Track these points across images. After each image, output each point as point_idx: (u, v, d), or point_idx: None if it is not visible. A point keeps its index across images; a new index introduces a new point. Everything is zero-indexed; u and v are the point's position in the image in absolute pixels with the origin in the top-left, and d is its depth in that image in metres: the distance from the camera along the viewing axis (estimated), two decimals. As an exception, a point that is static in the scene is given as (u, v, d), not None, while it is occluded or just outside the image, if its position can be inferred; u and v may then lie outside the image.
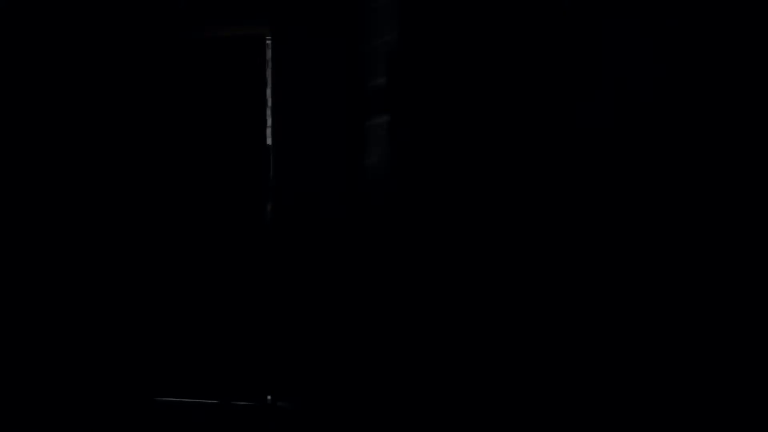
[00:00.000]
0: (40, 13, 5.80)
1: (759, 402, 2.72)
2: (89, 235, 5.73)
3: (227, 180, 5.51)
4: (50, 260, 5.68)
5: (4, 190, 5.77)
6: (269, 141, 8.24)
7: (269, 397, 4.98)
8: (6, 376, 5.59)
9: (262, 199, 5.37)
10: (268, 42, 6.33)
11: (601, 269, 3.27)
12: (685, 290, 2.94)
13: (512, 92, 3.64)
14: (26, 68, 5.77)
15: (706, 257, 2.88)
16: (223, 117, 5.57)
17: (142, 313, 5.68)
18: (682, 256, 2.96)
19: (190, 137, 5.65)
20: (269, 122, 8.16)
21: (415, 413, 3.74)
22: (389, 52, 3.97)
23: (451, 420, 3.67)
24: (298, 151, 5.01)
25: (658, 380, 3.03)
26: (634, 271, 3.13)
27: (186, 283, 5.53)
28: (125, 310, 5.75)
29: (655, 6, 3.04)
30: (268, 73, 8.03)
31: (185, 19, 5.94)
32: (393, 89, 3.93)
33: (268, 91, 7.93)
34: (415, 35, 3.81)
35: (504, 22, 3.65)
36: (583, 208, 3.36)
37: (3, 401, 5.52)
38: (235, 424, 5.12)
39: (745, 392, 2.76)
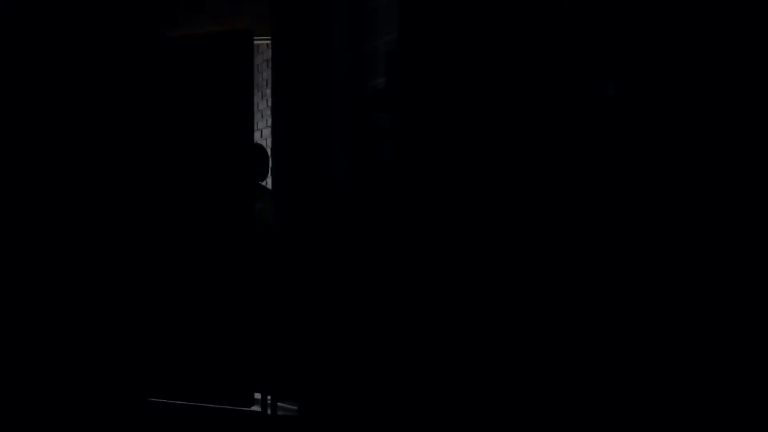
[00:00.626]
0: (22, 12, 5.80)
1: (759, 402, 2.73)
2: (83, 237, 5.73)
3: (218, 180, 5.47)
4: (44, 262, 5.69)
5: None
6: (257, 139, 8.24)
7: (269, 398, 4.99)
8: (1, 376, 5.59)
9: (251, 199, 5.35)
10: (266, 42, 6.32)
11: (600, 274, 3.27)
12: (683, 296, 2.95)
13: (513, 92, 3.64)
14: (8, 68, 5.77)
15: (710, 266, 2.89)
16: (210, 114, 5.53)
17: (137, 314, 5.69)
18: (684, 263, 2.96)
19: (178, 137, 5.63)
20: (257, 120, 8.17)
21: (416, 414, 3.74)
22: (389, 52, 3.98)
23: (452, 421, 3.67)
24: (297, 151, 5.02)
25: (658, 380, 3.03)
26: (633, 274, 3.14)
27: (182, 285, 5.53)
28: (121, 310, 5.75)
29: (659, 4, 3.05)
30: (268, 73, 8.02)
31: (177, 15, 5.93)
32: (393, 89, 3.94)
33: (268, 91, 7.93)
34: (415, 35, 3.82)
35: (504, 21, 3.66)
36: (583, 211, 3.36)
37: None
38: (234, 425, 5.12)
39: (745, 392, 2.76)
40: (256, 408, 5.30)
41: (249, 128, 5.38)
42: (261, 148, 6.13)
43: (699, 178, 2.91)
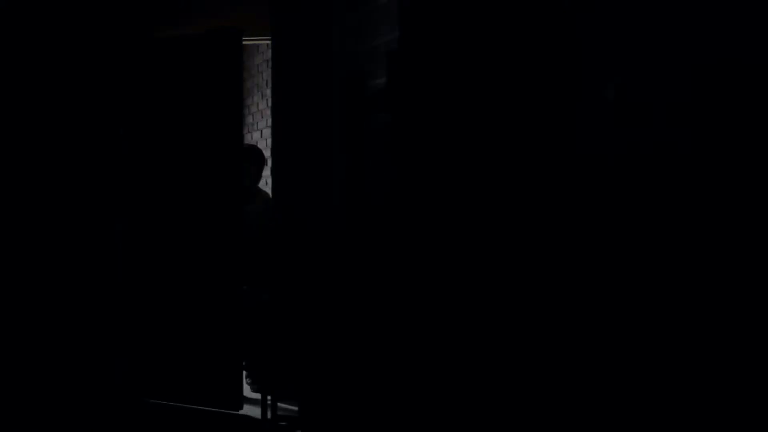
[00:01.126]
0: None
1: (759, 402, 2.72)
2: (79, 239, 5.73)
3: (207, 181, 5.43)
4: (43, 264, 5.68)
5: None
6: (257, 139, 8.22)
7: (269, 398, 4.98)
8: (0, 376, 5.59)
9: (239, 200, 5.31)
10: (266, 42, 6.31)
11: (598, 276, 3.26)
12: (684, 297, 2.94)
13: (513, 92, 3.63)
14: None
15: (711, 266, 2.88)
16: (199, 115, 5.49)
17: (130, 315, 5.68)
18: (683, 263, 2.95)
19: (168, 138, 5.60)
20: (257, 120, 8.16)
21: (417, 416, 3.73)
22: (389, 52, 3.97)
23: (453, 423, 3.66)
24: (297, 151, 5.01)
25: (658, 381, 3.02)
26: (632, 274, 3.13)
27: (171, 286, 5.51)
28: (115, 311, 5.75)
29: (659, 5, 3.04)
30: (268, 73, 8.01)
31: (177, 14, 5.92)
32: (393, 89, 3.93)
33: (268, 91, 7.91)
34: (415, 35, 3.81)
35: (504, 21, 3.65)
36: (583, 213, 3.35)
37: None
38: (233, 428, 5.11)
39: (745, 392, 2.75)
40: (250, 409, 5.29)
41: (238, 128, 5.35)
42: (255, 149, 6.11)
43: (699, 178, 2.90)
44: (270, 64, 7.47)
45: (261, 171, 6.11)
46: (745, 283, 2.76)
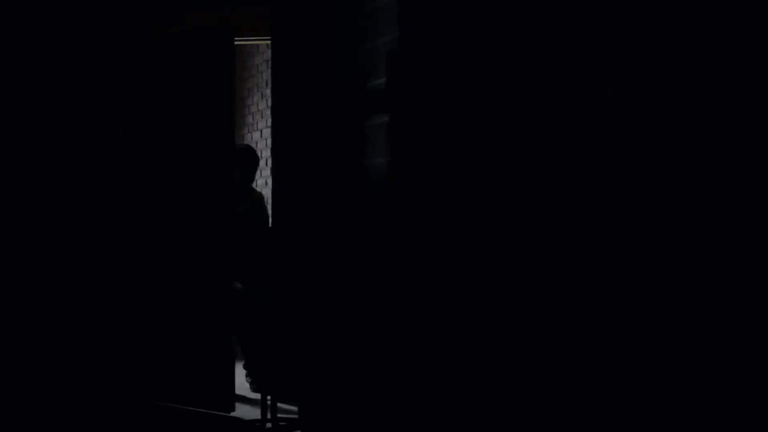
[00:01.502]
0: None
1: (759, 402, 2.71)
2: (80, 240, 5.72)
3: (201, 182, 5.40)
4: (43, 264, 5.67)
5: None
6: (257, 140, 8.21)
7: (269, 399, 4.97)
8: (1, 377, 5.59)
9: (230, 200, 5.28)
10: (266, 42, 6.31)
11: (602, 278, 3.26)
12: (684, 297, 2.93)
13: (513, 92, 3.63)
14: None
15: (711, 266, 2.87)
16: (192, 114, 5.47)
17: (134, 315, 5.68)
18: (684, 262, 2.95)
19: (161, 138, 5.59)
20: (257, 120, 8.15)
21: (418, 417, 3.73)
22: (389, 52, 3.97)
23: (454, 424, 3.66)
24: (297, 151, 5.01)
25: (659, 381, 3.02)
26: (632, 278, 3.12)
27: (165, 288, 5.49)
28: (119, 311, 5.75)
29: (659, 4, 3.03)
30: (268, 73, 8.00)
31: (177, 13, 5.91)
32: (393, 89, 3.92)
33: (268, 91, 7.90)
34: (415, 35, 3.80)
35: (505, 21, 3.64)
36: (584, 213, 3.35)
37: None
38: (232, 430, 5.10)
39: (745, 392, 2.75)
40: (250, 409, 5.29)
41: (230, 127, 5.32)
42: (248, 149, 6.09)
43: (699, 178, 2.89)
44: (270, 64, 7.47)
45: (254, 171, 6.10)
46: (743, 279, 2.76)
